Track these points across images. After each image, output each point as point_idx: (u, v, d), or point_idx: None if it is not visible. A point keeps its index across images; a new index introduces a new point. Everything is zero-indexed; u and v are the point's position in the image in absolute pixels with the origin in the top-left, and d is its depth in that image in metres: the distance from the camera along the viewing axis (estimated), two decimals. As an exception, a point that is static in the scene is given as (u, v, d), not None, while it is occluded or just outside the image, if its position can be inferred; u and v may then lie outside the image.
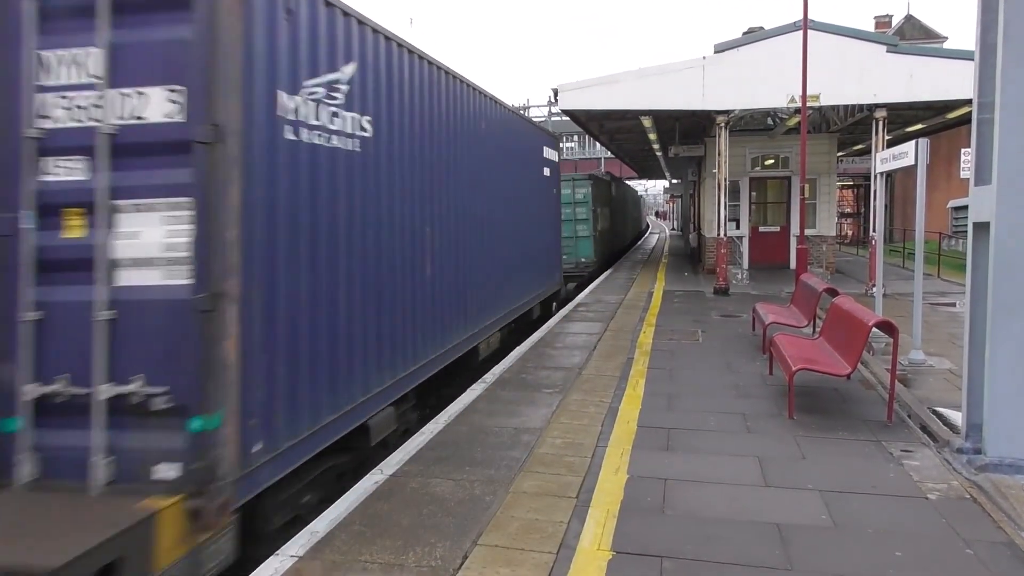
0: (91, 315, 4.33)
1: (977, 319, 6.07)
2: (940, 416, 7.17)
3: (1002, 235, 5.76)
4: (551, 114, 47.37)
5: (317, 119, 5.54)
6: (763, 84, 16.38)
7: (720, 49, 16.67)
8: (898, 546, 4.55)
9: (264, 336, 4.82)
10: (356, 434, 6.23)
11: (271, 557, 4.52)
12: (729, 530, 4.80)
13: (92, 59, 4.42)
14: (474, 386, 8.69)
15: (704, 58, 16.65)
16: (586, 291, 18.45)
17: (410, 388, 7.41)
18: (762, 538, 4.68)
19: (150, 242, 4.38)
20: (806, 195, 16.74)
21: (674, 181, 49.59)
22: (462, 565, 4.38)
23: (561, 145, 17.97)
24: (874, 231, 15.38)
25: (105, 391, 4.27)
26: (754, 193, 22.32)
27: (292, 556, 4.51)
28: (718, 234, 17.86)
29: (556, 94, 17.52)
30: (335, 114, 5.82)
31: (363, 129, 6.30)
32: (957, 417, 6.70)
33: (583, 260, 23.00)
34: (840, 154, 26.18)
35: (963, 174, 17.95)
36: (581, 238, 22.92)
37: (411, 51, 7.42)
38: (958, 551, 4.50)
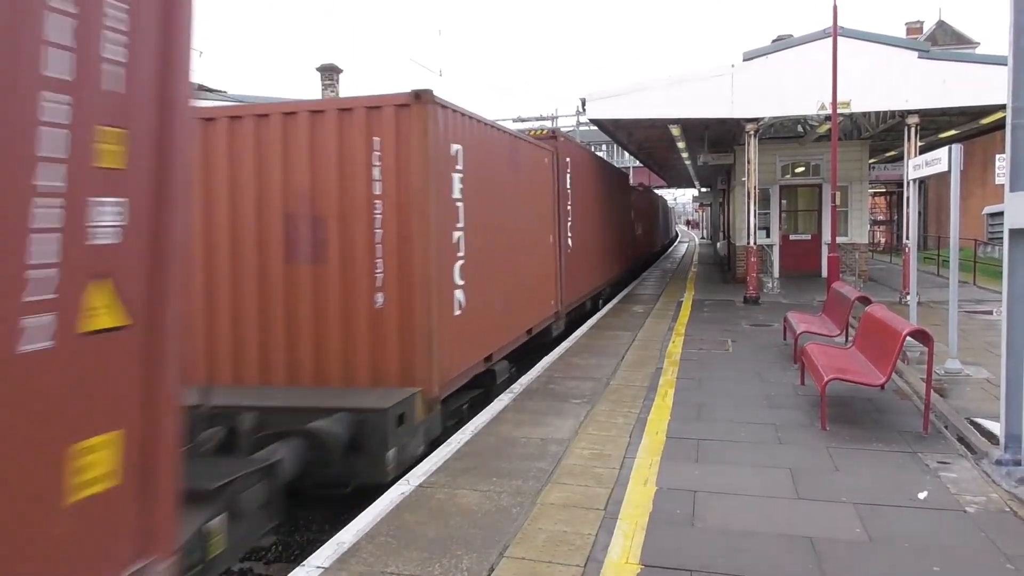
0: None
1: (1014, 326, 5.92)
2: (978, 427, 7.01)
3: (1040, 241, 5.62)
4: (579, 124, 47.31)
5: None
6: (793, 91, 16.22)
7: (749, 57, 16.54)
8: (936, 561, 4.44)
9: None
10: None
11: (297, 568, 4.52)
12: (760, 543, 4.71)
13: None
14: (501, 396, 8.67)
15: (733, 66, 16.53)
16: (614, 300, 18.36)
17: None
18: (795, 552, 4.59)
19: None
20: (837, 202, 16.53)
21: (703, 190, 49.31)
22: (488, 577, 4.34)
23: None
24: (907, 238, 15.13)
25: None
26: (784, 201, 22.09)
27: (318, 567, 4.51)
28: (748, 242, 17.69)
29: (584, 103, 17.50)
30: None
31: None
32: (995, 427, 6.54)
33: None
34: (872, 161, 25.82)
35: (998, 180, 17.62)
36: None
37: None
38: (999, 566, 4.37)
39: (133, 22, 2.60)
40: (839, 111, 15.58)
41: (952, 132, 21.18)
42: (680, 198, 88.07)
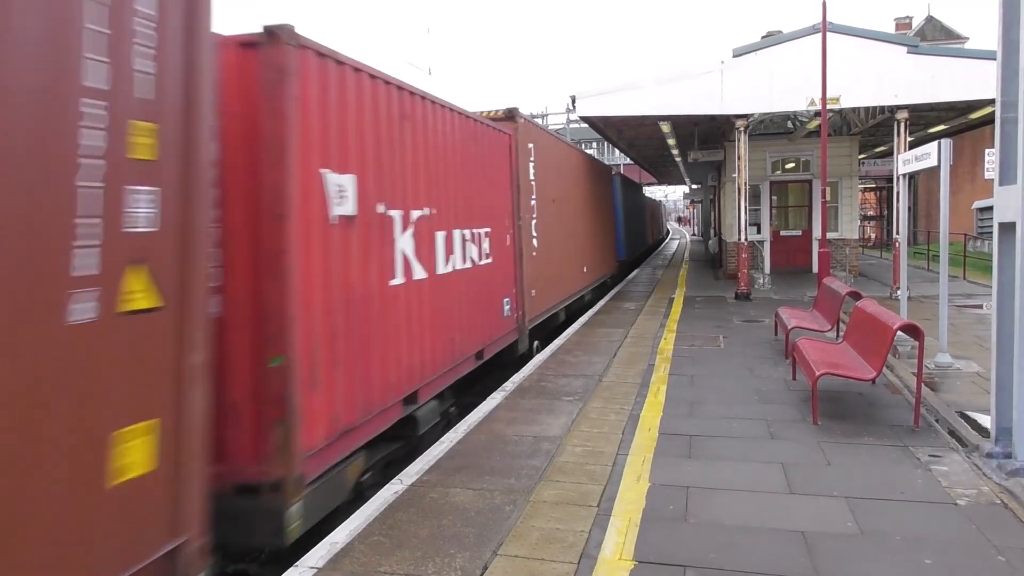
0: None
1: (1004, 321, 5.95)
2: (969, 420, 7.04)
3: (1029, 235, 5.64)
4: (569, 121, 47.32)
5: None
6: (782, 87, 16.27)
7: (739, 53, 16.57)
8: (927, 554, 4.45)
9: None
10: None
11: (290, 569, 4.51)
12: (753, 538, 4.72)
13: None
14: (494, 395, 8.66)
15: (722, 62, 16.56)
16: (605, 298, 18.37)
17: None
18: (787, 546, 4.59)
19: None
20: (828, 198, 16.61)
21: (694, 186, 49.37)
22: None
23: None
24: (898, 233, 15.19)
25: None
26: (775, 197, 22.16)
27: (312, 568, 4.49)
28: (739, 238, 17.73)
29: (574, 101, 17.50)
30: None
31: None
32: (986, 421, 6.57)
33: None
34: (862, 156, 25.92)
35: (987, 174, 17.70)
36: None
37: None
38: (990, 558, 4.39)
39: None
40: (828, 107, 15.62)
41: (941, 127, 21.28)
42: (671, 195, 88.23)
